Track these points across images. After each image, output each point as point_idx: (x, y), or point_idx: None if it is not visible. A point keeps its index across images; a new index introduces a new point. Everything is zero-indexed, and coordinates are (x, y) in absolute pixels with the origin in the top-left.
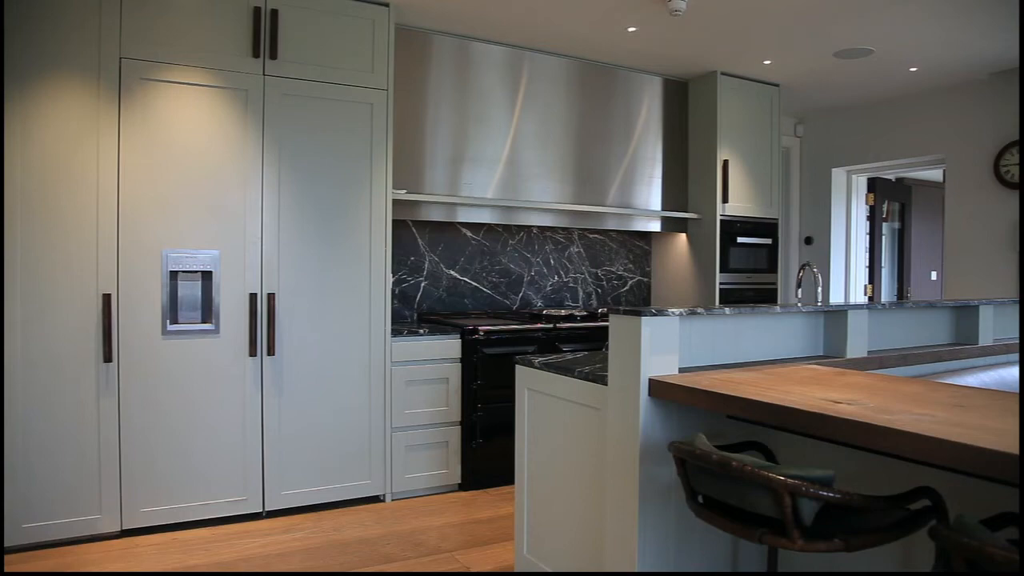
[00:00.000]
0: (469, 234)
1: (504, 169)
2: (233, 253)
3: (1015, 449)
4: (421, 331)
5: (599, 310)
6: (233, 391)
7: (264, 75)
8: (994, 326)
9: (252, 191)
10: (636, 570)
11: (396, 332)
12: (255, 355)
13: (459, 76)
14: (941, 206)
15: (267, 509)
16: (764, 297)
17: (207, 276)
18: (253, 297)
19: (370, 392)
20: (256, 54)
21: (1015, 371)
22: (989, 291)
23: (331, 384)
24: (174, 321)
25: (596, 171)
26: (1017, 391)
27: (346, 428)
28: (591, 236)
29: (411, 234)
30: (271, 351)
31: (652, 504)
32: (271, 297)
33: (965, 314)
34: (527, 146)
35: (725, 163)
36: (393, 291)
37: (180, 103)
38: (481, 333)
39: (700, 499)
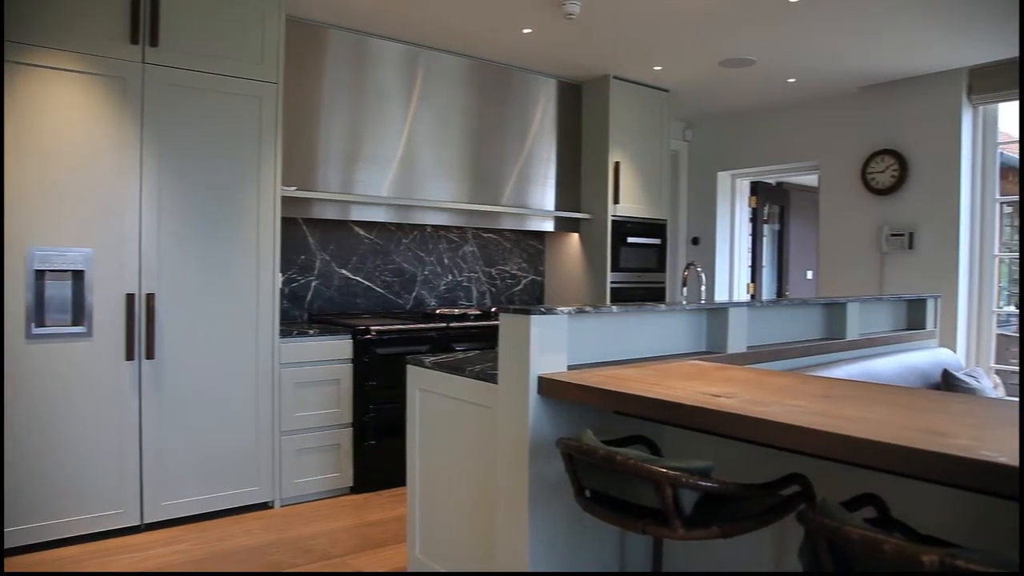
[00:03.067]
0: (362, 233)
1: (399, 167)
2: (108, 251)
3: (874, 436)
4: (311, 331)
5: (493, 309)
6: (107, 397)
7: (144, 63)
8: (860, 322)
9: (130, 186)
10: (528, 566)
11: (285, 333)
12: (132, 359)
13: (355, 72)
14: (816, 209)
15: (146, 521)
16: (654, 295)
17: (78, 276)
18: (130, 298)
19: (257, 395)
20: (135, 40)
21: (879, 363)
22: (857, 289)
23: (216, 388)
24: (40, 324)
25: (492, 171)
26: (881, 382)
27: (232, 433)
28: (485, 235)
29: (302, 232)
30: (150, 354)
31: (542, 501)
32: (150, 297)
33: (834, 311)
34: (423, 145)
35: (616, 165)
36: (283, 291)
37: (51, 90)
38: (373, 333)
39: (588, 494)
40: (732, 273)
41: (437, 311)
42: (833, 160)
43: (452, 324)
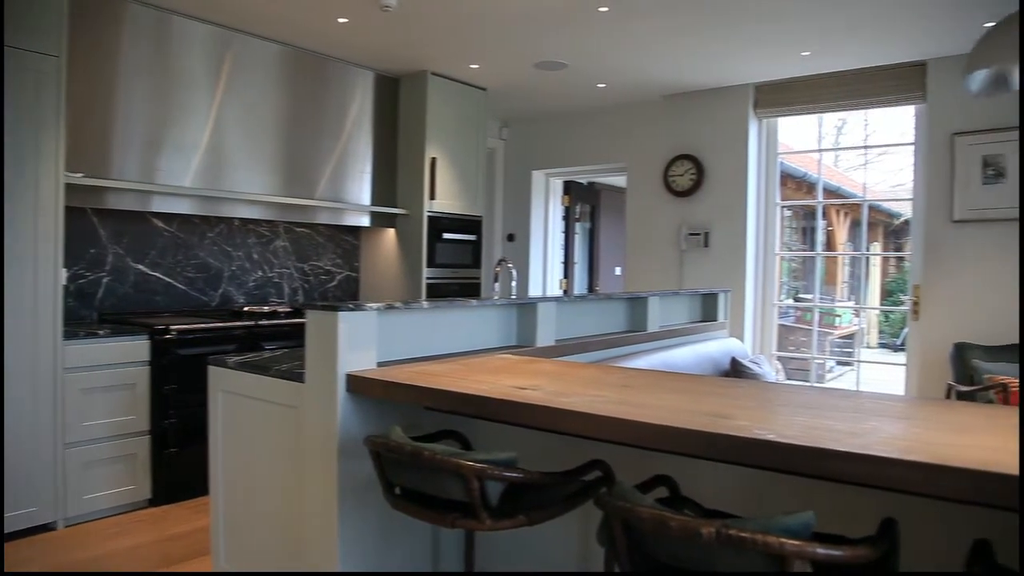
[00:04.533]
0: (161, 225)
1: (205, 156)
2: None
3: (665, 421)
4: (101, 332)
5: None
6: None
7: None
8: (660, 315)
9: None
10: (338, 567)
11: (71, 334)
12: None
13: (157, 52)
14: (624, 209)
15: None
16: (469, 291)
17: None
18: None
19: (36, 404)
20: None
21: (677, 352)
22: (660, 284)
23: None
24: None
25: (306, 163)
26: (679, 370)
27: (5, 449)
28: (298, 229)
29: (91, 223)
30: None
31: (353, 500)
32: None
33: (637, 305)
34: (231, 133)
35: (433, 161)
36: (67, 288)
37: None
38: (174, 333)
39: (398, 491)
40: (546, 269)
41: (245, 309)
42: (639, 163)
43: (261, 322)
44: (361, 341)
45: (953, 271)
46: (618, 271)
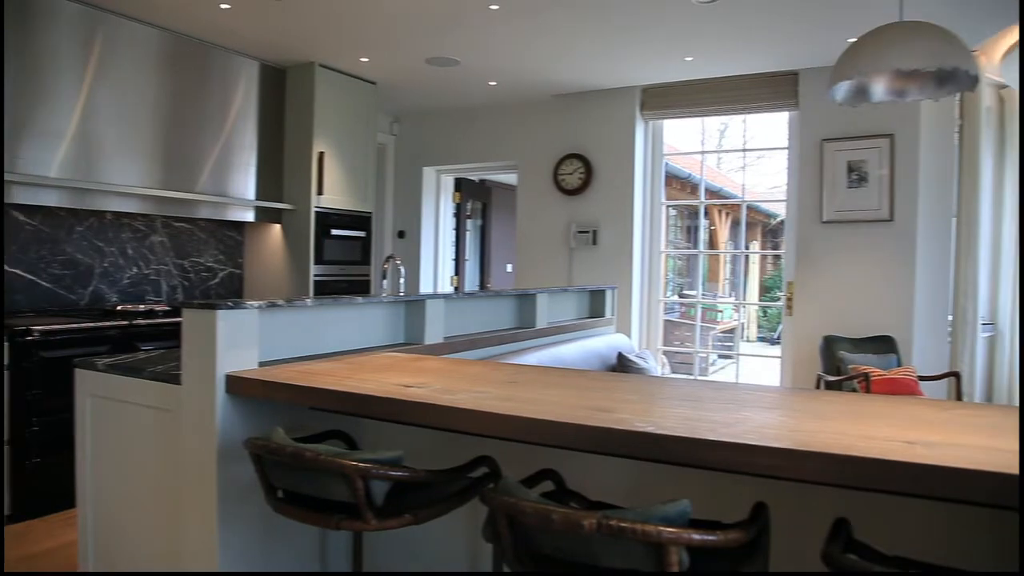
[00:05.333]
0: (22, 218)
1: (73, 144)
2: None
3: (549, 416)
4: None
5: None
6: None
7: None
8: (549, 311)
9: None
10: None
11: None
12: None
13: (19, 29)
14: (515, 206)
15: None
16: (358, 289)
17: None
18: None
19: None
20: None
21: (565, 348)
22: (550, 281)
23: None
24: None
25: (186, 155)
26: (567, 366)
27: None
28: (176, 224)
29: None
30: None
31: (235, 506)
32: None
33: (526, 301)
34: (103, 120)
35: (321, 155)
36: None
37: None
38: (36, 334)
39: (280, 494)
40: (437, 266)
41: (119, 308)
42: (530, 161)
43: (136, 322)
44: (241, 340)
45: (823, 269)
46: (509, 268)
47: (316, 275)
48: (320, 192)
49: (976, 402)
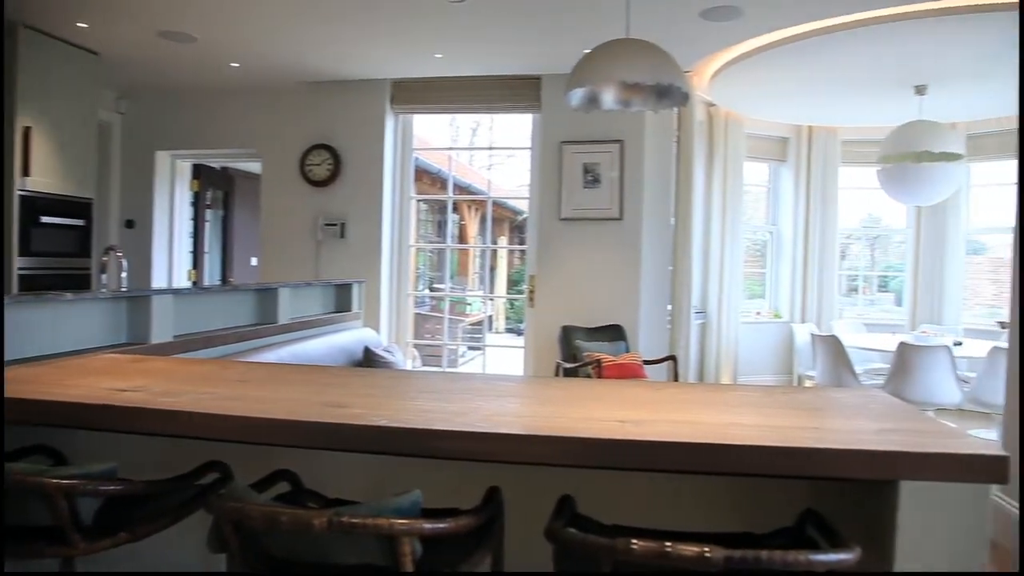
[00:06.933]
0: None
1: None
2: None
3: (279, 415)
4: None
5: None
6: None
7: None
8: (292, 306)
9: None
10: None
11: None
12: None
13: None
14: (260, 197)
15: None
16: (76, 284)
17: None
18: None
19: None
20: None
21: (309, 344)
22: (297, 275)
23: None
24: None
25: None
26: (310, 362)
27: None
28: None
29: None
30: None
31: None
32: None
33: (267, 296)
34: None
35: (27, 131)
36: None
37: None
38: None
39: None
40: (172, 259)
41: None
42: (275, 150)
43: None
44: None
45: (561, 263)
46: (255, 262)
47: (22, 268)
48: (26, 173)
49: (690, 381)
